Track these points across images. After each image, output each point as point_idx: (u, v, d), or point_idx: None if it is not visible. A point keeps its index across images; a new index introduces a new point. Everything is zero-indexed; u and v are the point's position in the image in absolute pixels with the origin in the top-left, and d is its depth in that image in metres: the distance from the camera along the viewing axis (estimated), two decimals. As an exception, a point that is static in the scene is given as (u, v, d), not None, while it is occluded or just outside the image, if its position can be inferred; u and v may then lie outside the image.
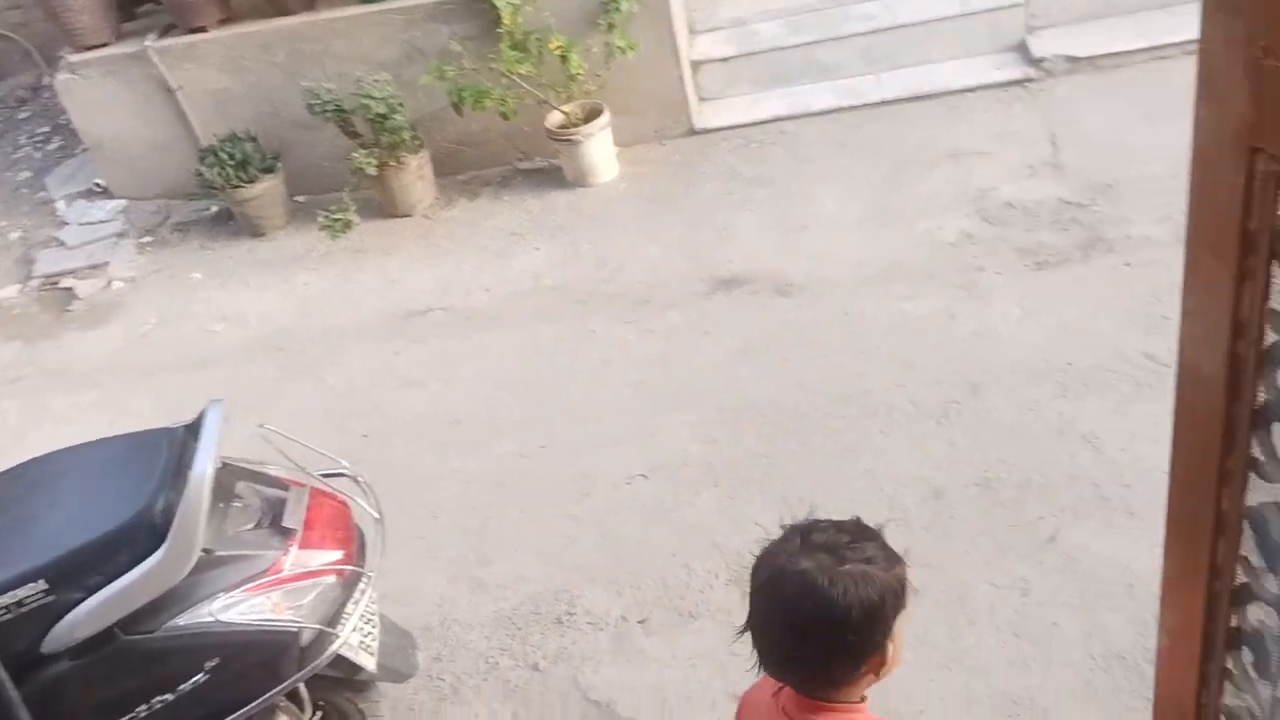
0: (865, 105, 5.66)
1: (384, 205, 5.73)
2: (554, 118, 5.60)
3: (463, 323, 4.85)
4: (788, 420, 3.84)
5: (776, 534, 1.41)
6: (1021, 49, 5.62)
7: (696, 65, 5.98)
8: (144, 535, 2.15)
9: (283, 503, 2.42)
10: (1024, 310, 4.04)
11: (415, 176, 5.66)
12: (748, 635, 1.55)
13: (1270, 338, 0.88)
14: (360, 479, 2.67)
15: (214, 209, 6.12)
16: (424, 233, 5.61)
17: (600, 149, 5.59)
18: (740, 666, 2.96)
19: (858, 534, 1.50)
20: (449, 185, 5.95)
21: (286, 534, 2.35)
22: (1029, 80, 5.46)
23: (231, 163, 5.60)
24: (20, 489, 2.42)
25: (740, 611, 3.16)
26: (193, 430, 2.37)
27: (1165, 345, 3.66)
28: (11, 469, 2.55)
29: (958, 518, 3.30)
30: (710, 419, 3.94)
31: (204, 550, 2.20)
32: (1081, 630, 2.84)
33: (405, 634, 2.80)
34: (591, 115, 5.55)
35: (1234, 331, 0.88)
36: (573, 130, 5.49)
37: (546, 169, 5.90)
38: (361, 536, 2.57)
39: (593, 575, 3.41)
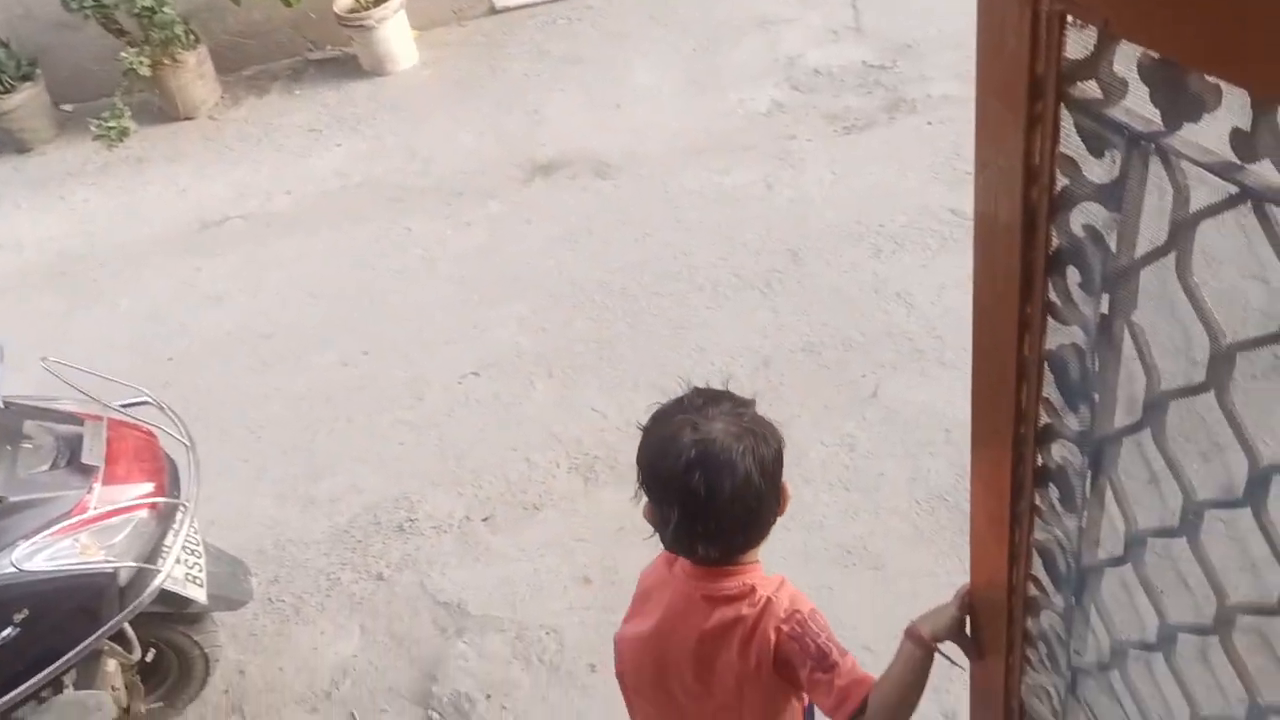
0: (670, -26, 5.53)
1: (164, 108, 5.30)
2: (343, 2, 5.27)
3: (265, 230, 4.59)
4: (616, 303, 3.84)
5: (614, 418, 1.40)
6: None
7: (492, -62, 5.70)
8: (-79, 491, 1.96)
9: (79, 439, 2.25)
10: (835, 175, 4.13)
11: (194, 75, 5.23)
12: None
13: (1061, 182, 0.90)
14: (164, 405, 2.51)
15: (-33, 125, 5.51)
16: (212, 135, 5.23)
17: (396, 33, 5.31)
18: (588, 550, 3.02)
19: (726, 396, 1.52)
20: (234, 83, 5.55)
21: (88, 471, 2.19)
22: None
23: (-21, 70, 5.04)
24: None
25: (584, 499, 3.21)
26: (-37, 372, 2.16)
27: (968, 200, 3.82)
28: None
29: (786, 383, 3.40)
30: (538, 309, 3.90)
31: (-5, 500, 2.03)
32: (906, 477, 3.01)
33: (235, 560, 2.69)
34: (383, -3, 5.24)
35: (1026, 178, 0.89)
36: (364, 14, 5.19)
37: (340, 59, 5.58)
38: (173, 465, 2.43)
39: (432, 479, 3.36)
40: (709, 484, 1.42)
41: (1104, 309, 0.92)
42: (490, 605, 2.94)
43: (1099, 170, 0.86)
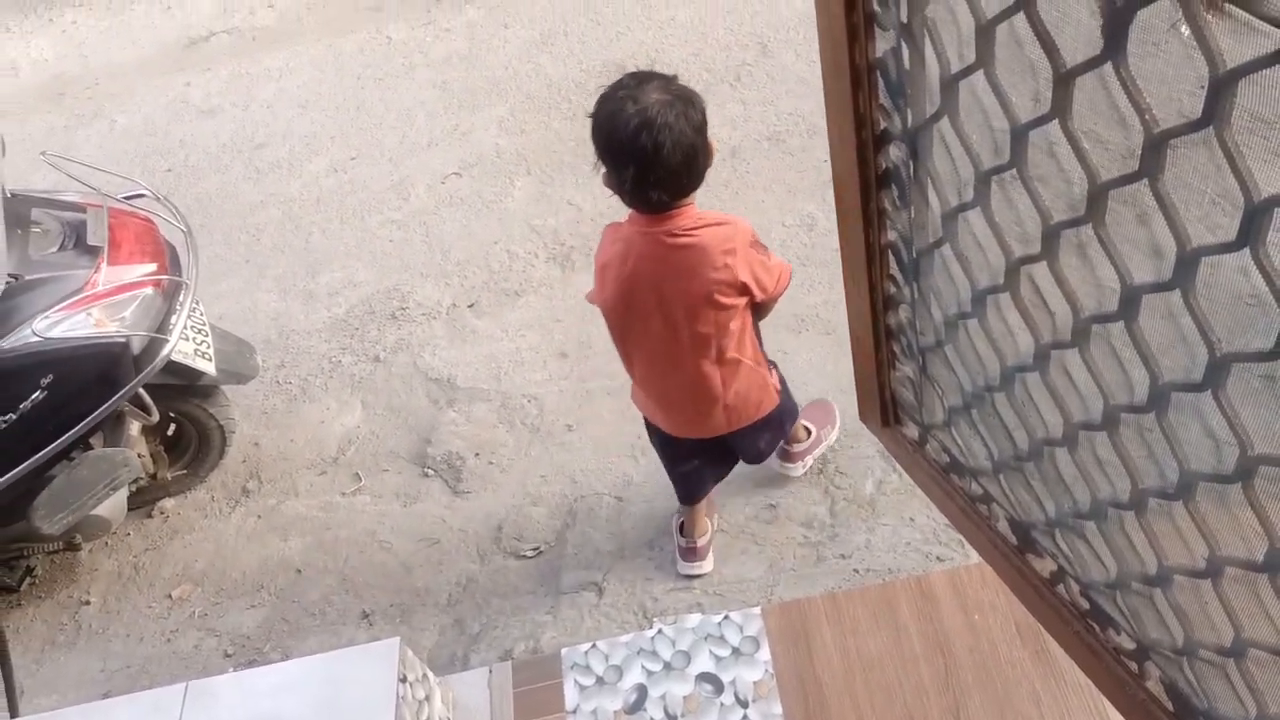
0: None
1: (142, -74, 5.24)
2: None
3: (251, 44, 4.64)
4: (591, 101, 3.91)
5: (589, 210, 1.66)
6: None
7: None
8: (-60, 269, 2.17)
9: (83, 224, 2.44)
10: (806, -34, 4.12)
11: (170, -112, 5.15)
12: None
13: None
14: (160, 196, 2.69)
15: (-52, -51, 5.49)
16: (190, -46, 5.19)
17: None
18: (565, 329, 3.25)
19: (654, 75, 1.90)
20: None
21: (94, 252, 2.39)
22: None
23: (-47, -110, 4.98)
24: None
25: (561, 284, 3.40)
26: (-30, 164, 2.33)
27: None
28: None
29: (753, 171, 3.53)
30: (516, 110, 4.00)
31: (11, 277, 2.24)
32: (859, 253, 3.17)
33: (241, 341, 2.93)
34: None
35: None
36: None
37: None
38: (173, 250, 2.62)
39: (421, 272, 3.56)
40: (654, 141, 1.79)
41: (905, 10, 1.07)
42: (477, 379, 3.19)
43: (889, -122, 0.99)
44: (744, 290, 2.00)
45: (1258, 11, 0.67)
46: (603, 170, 1.91)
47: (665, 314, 2.01)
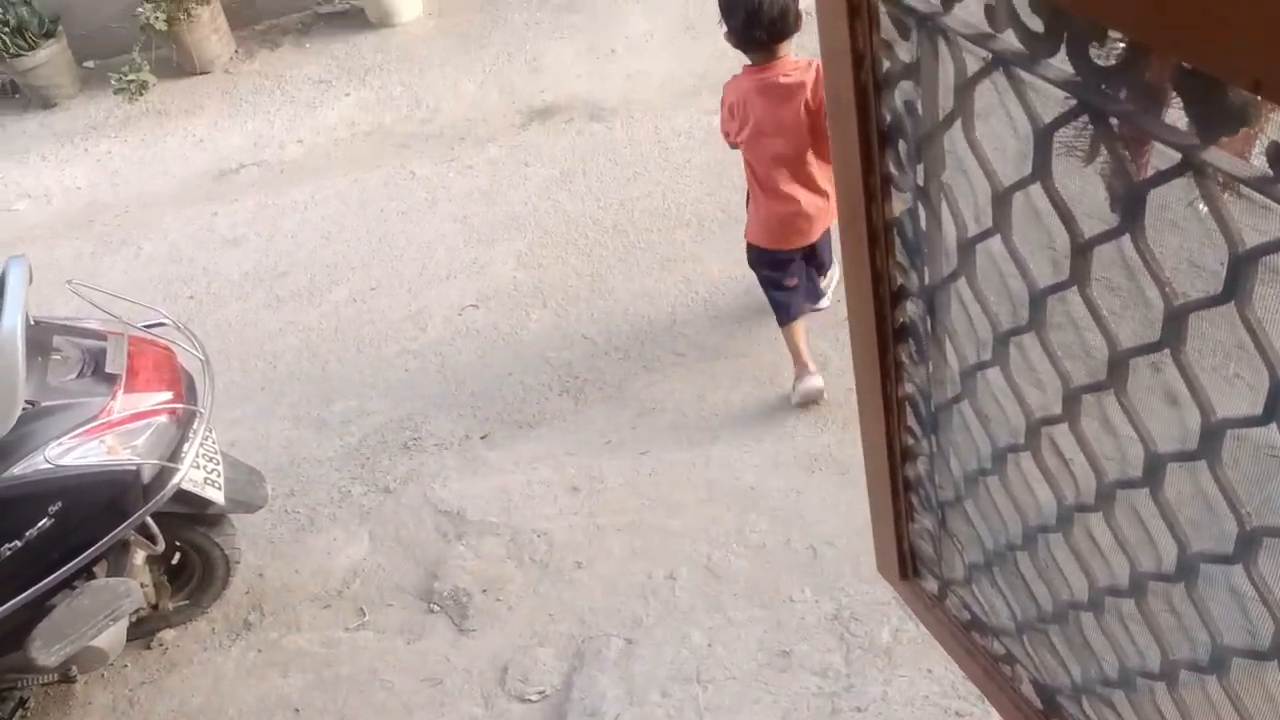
0: (665, -77, 5.63)
1: (181, 63, 5.49)
2: (349, -44, 5.41)
3: (279, 177, 4.79)
4: (608, 239, 4.02)
5: (604, 344, 1.88)
6: None
7: (493, -109, 5.80)
8: (-39, 395, 2.18)
9: (103, 351, 2.46)
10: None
11: (209, 30, 5.42)
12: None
13: (884, 65, 1.06)
14: (180, 325, 2.73)
15: (-4, 83, 5.75)
16: (227, 88, 5.42)
17: (402, -14, 5.45)
18: (577, 462, 3.23)
19: None
20: (247, 37, 5.72)
21: (111, 379, 2.41)
22: None
23: (6, 29, 5.23)
24: None
25: (574, 417, 3.40)
26: (-3, 292, 2.37)
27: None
28: None
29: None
30: (535, 245, 4.08)
31: (28, 403, 2.25)
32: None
33: (252, 470, 2.92)
34: (388, -49, 5.38)
35: (855, 62, 1.06)
36: (371, -32, 5.33)
37: (348, 12, 5.74)
38: (189, 379, 2.64)
39: (435, 402, 3.58)
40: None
41: (921, 174, 1.09)
42: (487, 512, 3.16)
43: (907, 51, 1.03)
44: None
45: (1274, 195, 0.68)
46: (724, 30, 2.84)
47: (787, 136, 2.88)
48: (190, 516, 2.68)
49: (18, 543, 2.24)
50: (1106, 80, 0.81)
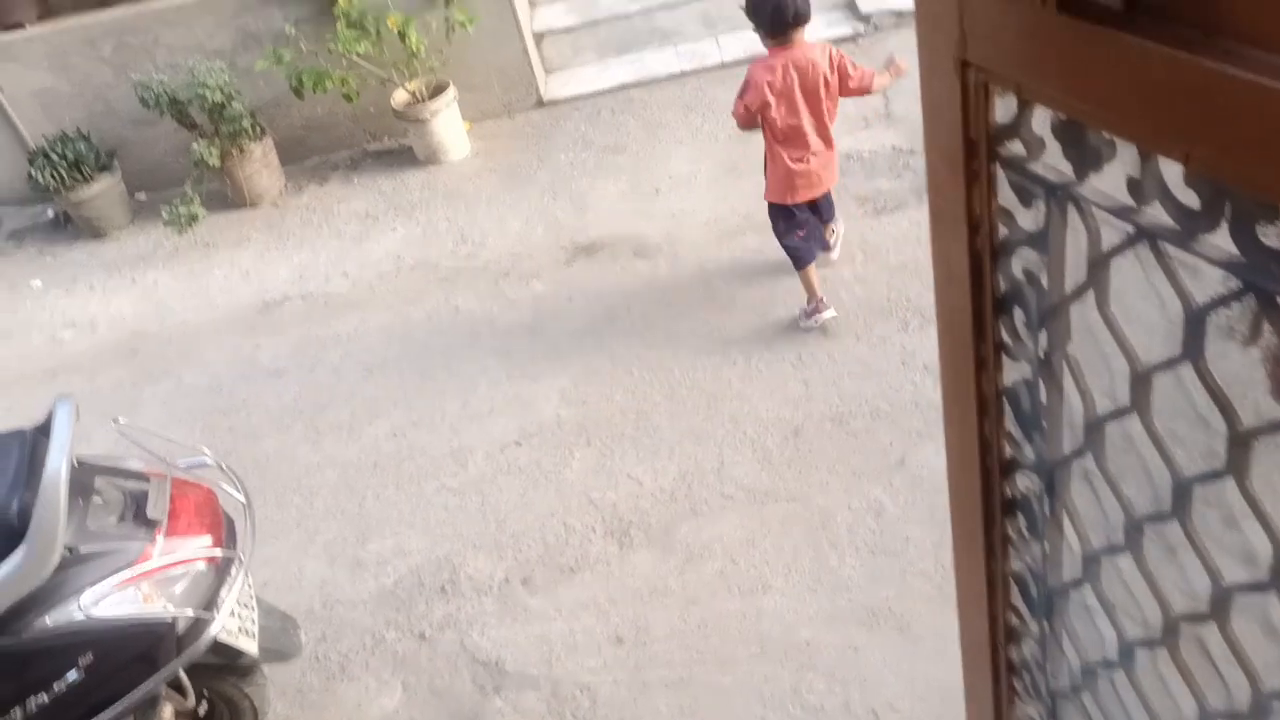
0: (708, 68, 5.80)
1: (231, 197, 5.61)
2: (399, 96, 5.57)
3: (323, 309, 4.81)
4: (653, 376, 3.97)
5: (649, 485, 1.80)
6: (850, 6, 5.84)
7: (540, 36, 6.02)
8: (1, 539, 2.12)
9: (145, 494, 2.40)
10: (866, 255, 4.25)
11: (260, 165, 5.55)
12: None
13: (1001, 231, 1.01)
14: (223, 465, 2.67)
15: (51, 213, 5.88)
16: (275, 222, 5.51)
17: (449, 125, 5.59)
18: (621, 611, 3.09)
19: None
20: (297, 172, 5.86)
21: (151, 525, 2.34)
22: (859, 35, 5.69)
23: (64, 164, 5.39)
24: None
25: (619, 562, 3.29)
26: (43, 430, 2.33)
27: (994, 275, 3.92)
28: None
29: (816, 451, 3.48)
30: (579, 382, 4.04)
31: (66, 549, 2.18)
32: (933, 542, 3.05)
33: (287, 617, 2.81)
34: (437, 92, 5.54)
35: (970, 229, 1.01)
36: (420, 108, 5.48)
37: (397, 149, 5.87)
38: (230, 522, 2.57)
39: (474, 543, 3.48)
40: None
41: (1044, 345, 1.02)
42: (527, 663, 3.02)
43: (1030, 219, 0.97)
44: (841, 72, 3.69)
45: None
46: (760, 34, 3.65)
47: (809, 105, 3.66)
48: (222, 666, 2.57)
49: (45, 697, 2.14)
50: (1277, 262, 0.75)
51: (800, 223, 3.88)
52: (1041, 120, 0.91)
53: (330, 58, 5.32)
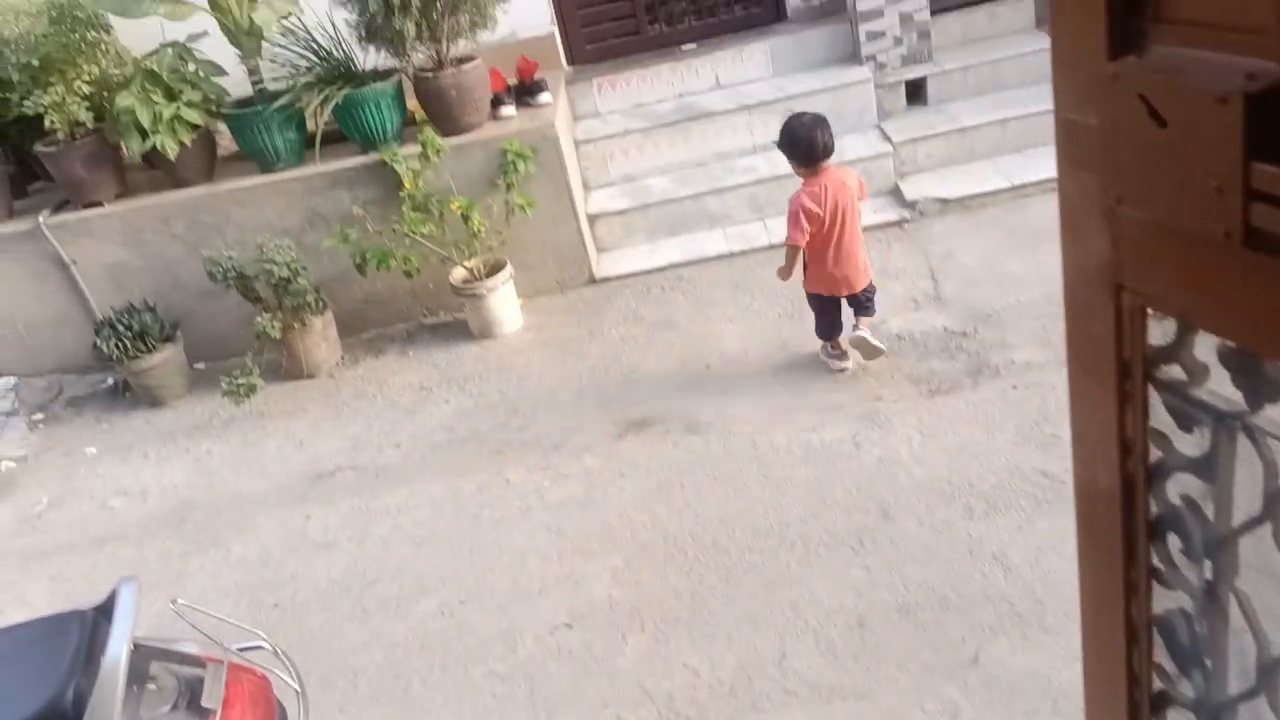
0: (756, 249, 5.93)
1: (288, 368, 5.70)
2: (458, 273, 5.70)
3: (374, 481, 4.79)
4: (709, 557, 3.87)
5: (707, 676, 1.68)
6: (895, 193, 6.00)
7: (593, 218, 6.20)
8: (53, 729, 2.03)
9: (200, 681, 2.32)
10: (924, 435, 4.20)
11: (320, 337, 5.66)
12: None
13: (1155, 455, 0.96)
14: (279, 651, 2.58)
15: (110, 381, 5.99)
16: (330, 392, 5.57)
17: (504, 301, 5.70)
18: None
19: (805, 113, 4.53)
20: (354, 344, 5.96)
21: (205, 714, 2.24)
22: (905, 221, 5.82)
23: (129, 334, 5.52)
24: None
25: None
26: (104, 611, 2.28)
27: (1059, 462, 3.84)
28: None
29: (883, 644, 3.34)
30: (631, 561, 3.94)
31: (118, 740, 2.09)
32: (1012, 749, 2.87)
33: (331, 814, 2.66)
34: (494, 269, 5.68)
35: (1122, 451, 0.96)
36: (477, 285, 5.60)
37: (451, 323, 5.98)
38: (282, 711, 2.46)
39: (523, 734, 3.32)
40: (818, 130, 4.34)
41: (1207, 575, 0.96)
42: None
43: (1191, 444, 0.93)
44: (860, 187, 4.54)
45: None
46: (792, 163, 4.47)
47: (845, 219, 4.42)
48: None
49: None
50: None
51: (834, 308, 4.70)
52: (1205, 346, 0.88)
53: (394, 236, 5.50)
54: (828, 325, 4.73)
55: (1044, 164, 5.87)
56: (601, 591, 3.84)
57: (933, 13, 6.27)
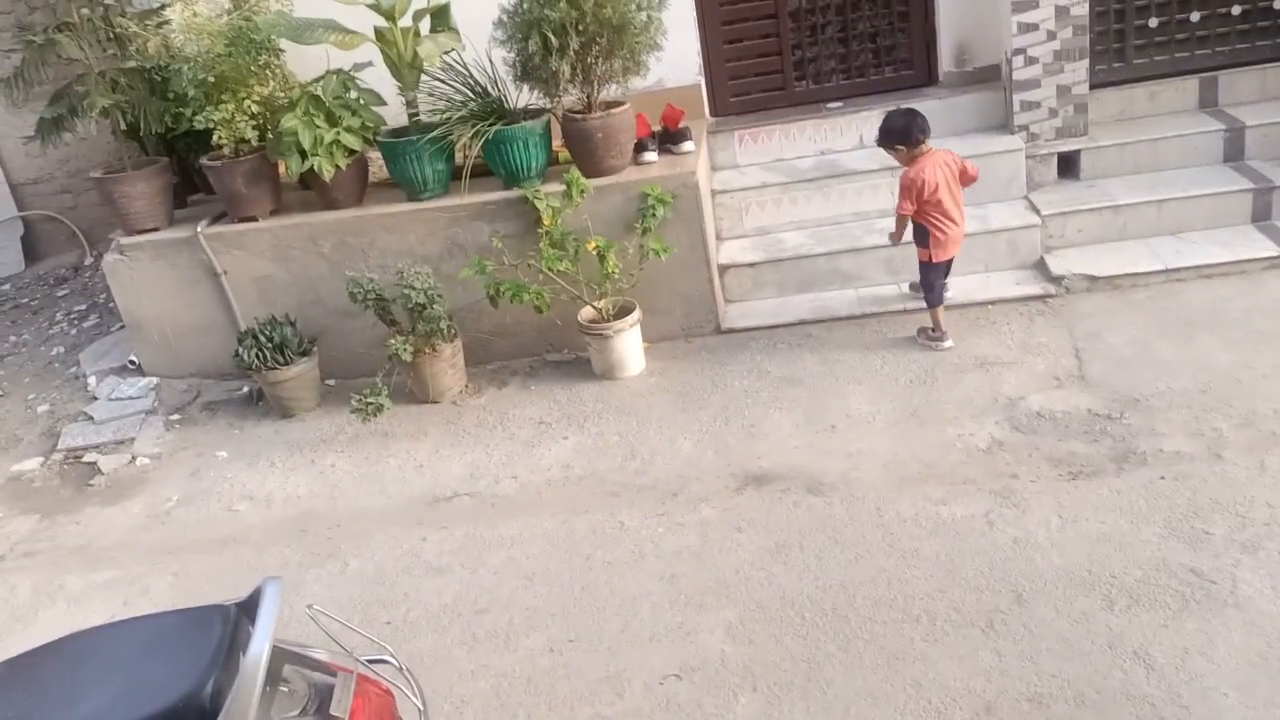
0: (890, 313, 5.83)
1: (414, 391, 5.81)
2: (586, 312, 5.75)
3: (490, 510, 4.82)
4: (827, 622, 3.75)
5: None
6: (1040, 266, 5.84)
7: (724, 269, 6.20)
8: (192, 717, 2.06)
9: (330, 689, 2.33)
10: (1063, 519, 4.02)
11: (447, 364, 5.75)
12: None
13: None
14: (405, 667, 2.58)
15: (245, 389, 6.20)
16: (453, 419, 5.65)
17: (630, 344, 5.71)
18: None
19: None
20: (478, 374, 6.05)
21: (333, 723, 2.25)
22: (1049, 296, 5.65)
23: (269, 346, 5.71)
24: (57, 666, 2.34)
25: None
26: (246, 609, 2.31)
27: (1210, 561, 3.62)
28: (47, 645, 2.47)
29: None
30: (746, 618, 3.85)
31: (250, 739, 2.10)
32: None
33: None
34: (623, 311, 5.70)
35: None
36: (605, 325, 5.63)
37: (574, 361, 6.02)
38: (405, 729, 2.46)
39: (626, 784, 3.24)
40: (917, 118, 5.29)
41: None
42: None
43: None
44: (962, 165, 5.32)
45: None
46: (897, 152, 5.34)
47: (953, 187, 5.25)
48: None
49: None
50: None
51: (945, 273, 5.48)
52: None
53: (529, 271, 5.58)
54: (939, 291, 5.46)
55: (1201, 249, 5.65)
56: (714, 646, 3.76)
57: (1091, 87, 6.12)
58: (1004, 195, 6.09)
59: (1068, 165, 6.19)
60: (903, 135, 5.22)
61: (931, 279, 5.44)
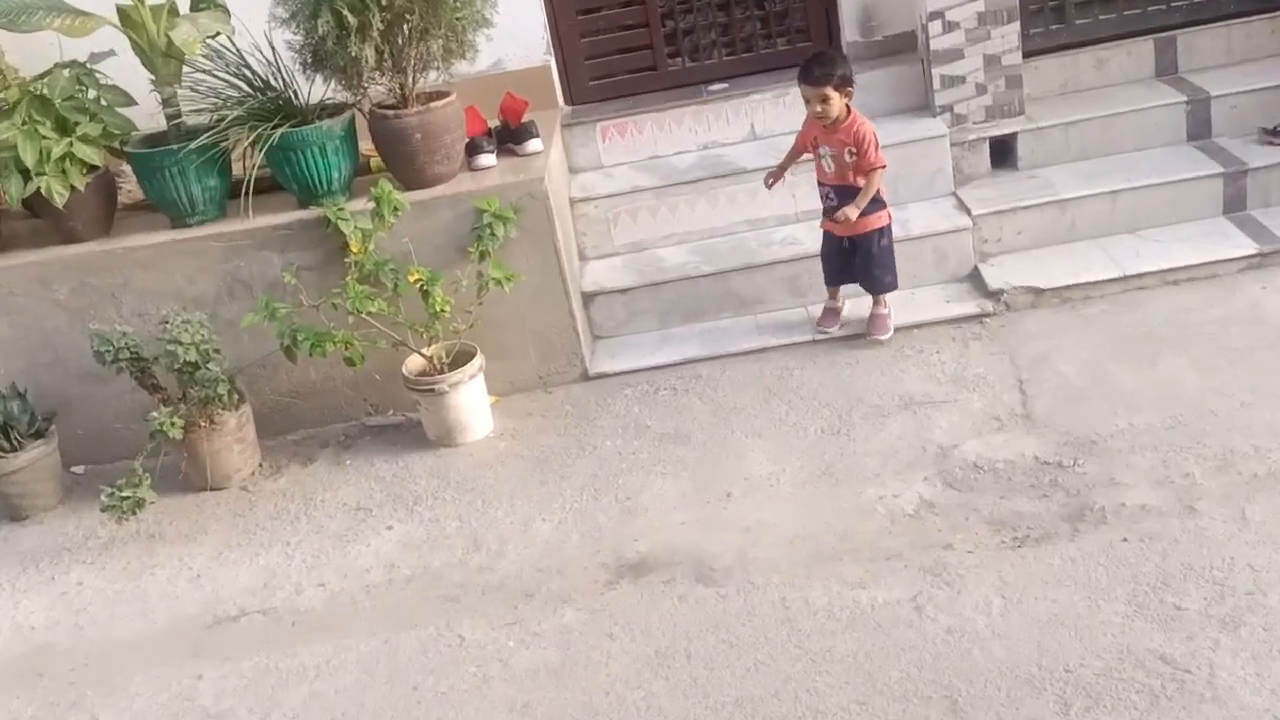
0: (796, 344, 5.88)
1: (189, 476, 5.63)
2: (413, 363, 5.67)
3: (289, 631, 4.67)
4: (720, 756, 3.71)
5: None
6: (974, 279, 5.98)
7: (589, 298, 6.19)
8: None
9: None
10: (1006, 600, 4.07)
11: (232, 439, 5.59)
12: None
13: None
14: None
15: (-37, 485, 5.92)
16: (241, 510, 5.49)
17: (471, 400, 5.64)
18: None
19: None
20: (276, 447, 5.90)
21: None
22: (986, 315, 5.78)
23: (-10, 427, 5.48)
24: None
25: None
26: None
27: (1182, 644, 3.69)
28: None
29: None
30: (618, 757, 3.79)
31: None
32: None
33: None
34: (461, 359, 5.64)
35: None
36: (437, 379, 5.56)
37: (402, 425, 5.94)
38: None
39: None
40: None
41: None
42: None
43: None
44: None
45: None
46: (845, 92, 5.55)
47: None
48: None
49: None
50: None
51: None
52: None
53: (334, 314, 5.47)
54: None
55: (1165, 249, 5.86)
56: (577, 796, 3.68)
57: (1026, 55, 6.31)
58: (927, 192, 6.23)
59: (1002, 152, 6.37)
60: (848, 75, 5.50)
61: (890, 248, 5.76)
